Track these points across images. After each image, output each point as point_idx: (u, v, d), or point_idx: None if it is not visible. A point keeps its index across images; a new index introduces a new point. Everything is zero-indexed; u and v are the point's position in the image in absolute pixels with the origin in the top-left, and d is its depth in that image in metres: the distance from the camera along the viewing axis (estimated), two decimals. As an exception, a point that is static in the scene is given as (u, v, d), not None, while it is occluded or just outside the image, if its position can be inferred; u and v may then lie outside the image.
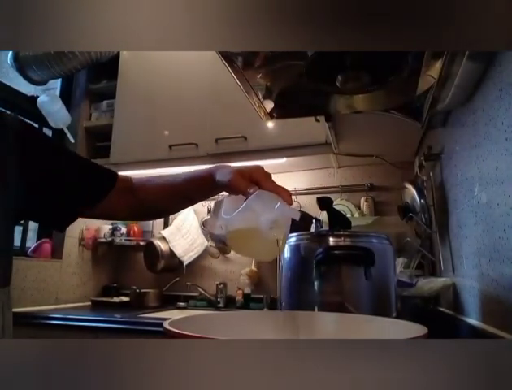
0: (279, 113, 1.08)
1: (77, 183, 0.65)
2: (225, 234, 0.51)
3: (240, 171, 0.57)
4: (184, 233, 1.94)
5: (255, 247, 0.52)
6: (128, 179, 0.72)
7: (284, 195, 0.54)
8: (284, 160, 1.65)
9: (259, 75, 0.89)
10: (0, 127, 0.57)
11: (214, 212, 0.58)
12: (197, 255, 1.94)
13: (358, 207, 1.77)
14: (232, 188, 0.57)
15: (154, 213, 0.78)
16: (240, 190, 0.54)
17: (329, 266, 0.80)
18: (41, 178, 0.60)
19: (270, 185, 0.55)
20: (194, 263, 1.94)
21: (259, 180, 0.55)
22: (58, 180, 0.62)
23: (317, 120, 1.23)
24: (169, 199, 0.71)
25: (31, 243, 1.81)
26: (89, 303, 1.90)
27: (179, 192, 0.69)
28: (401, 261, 1.27)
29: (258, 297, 1.77)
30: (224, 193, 0.61)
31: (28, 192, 0.59)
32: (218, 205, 0.58)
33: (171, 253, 1.91)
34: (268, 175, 0.58)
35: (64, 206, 0.64)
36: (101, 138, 2.01)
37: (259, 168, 0.59)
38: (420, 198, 1.24)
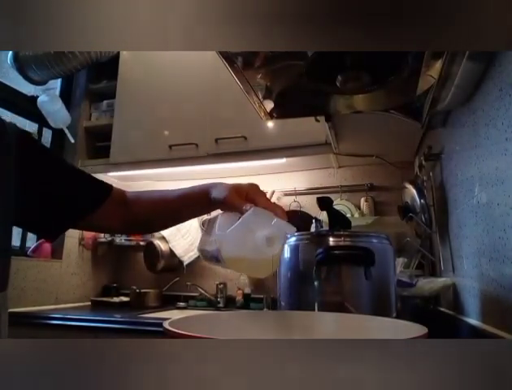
0: (279, 113, 1.08)
1: (70, 193, 0.64)
2: (219, 249, 0.50)
3: (236, 188, 0.58)
4: (183, 233, 1.94)
5: (250, 263, 0.51)
6: (121, 193, 0.71)
7: (279, 212, 0.54)
8: (284, 160, 1.65)
9: (259, 75, 0.89)
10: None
11: (207, 230, 0.58)
12: (197, 255, 1.93)
13: (358, 207, 1.77)
14: (228, 204, 0.57)
15: (147, 227, 0.78)
16: (236, 207, 0.55)
17: (329, 266, 0.80)
18: (34, 185, 0.60)
19: (265, 202, 0.55)
20: (194, 263, 1.94)
21: (255, 198, 0.56)
22: (51, 189, 0.62)
23: (317, 120, 1.23)
24: (162, 214, 0.70)
25: (31, 243, 1.81)
26: (89, 303, 1.90)
27: (172, 208, 0.69)
28: (401, 261, 1.27)
29: (258, 297, 1.76)
30: (219, 211, 0.61)
31: (20, 198, 0.58)
32: (211, 222, 0.57)
33: (171, 253, 1.91)
34: (263, 193, 0.59)
35: (55, 215, 0.63)
36: (101, 138, 2.01)
37: (255, 186, 0.59)
38: (420, 198, 1.24)
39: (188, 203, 0.67)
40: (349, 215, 1.71)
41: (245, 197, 0.56)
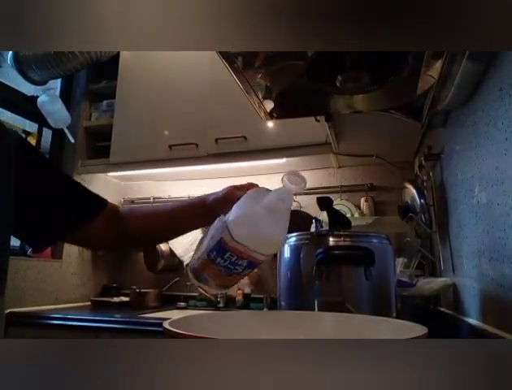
0: (279, 113, 1.08)
1: (61, 204, 0.62)
2: (228, 227, 0.49)
3: (236, 186, 0.60)
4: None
5: (260, 235, 0.49)
6: (115, 208, 0.69)
7: None
8: (284, 160, 1.65)
9: (259, 75, 0.89)
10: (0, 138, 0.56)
11: (197, 247, 0.57)
12: (197, 255, 1.93)
13: (358, 207, 1.76)
14: (229, 198, 0.57)
15: (141, 243, 0.76)
16: (238, 197, 0.55)
17: (329, 266, 0.80)
18: (26, 193, 0.58)
19: None
20: (194, 263, 1.94)
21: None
22: (42, 198, 0.60)
23: (317, 120, 1.23)
24: (156, 229, 0.68)
25: (31, 243, 1.81)
26: (89, 303, 1.90)
27: (167, 222, 0.67)
28: (401, 261, 1.27)
29: (258, 297, 1.76)
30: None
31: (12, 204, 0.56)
32: (201, 241, 0.57)
33: (171, 253, 1.91)
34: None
35: (44, 226, 0.61)
36: (101, 138, 2.01)
37: (254, 184, 0.61)
38: (420, 198, 1.24)
39: (184, 215, 0.66)
40: (349, 215, 1.71)
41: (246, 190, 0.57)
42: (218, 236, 0.51)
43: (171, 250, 1.91)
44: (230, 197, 0.57)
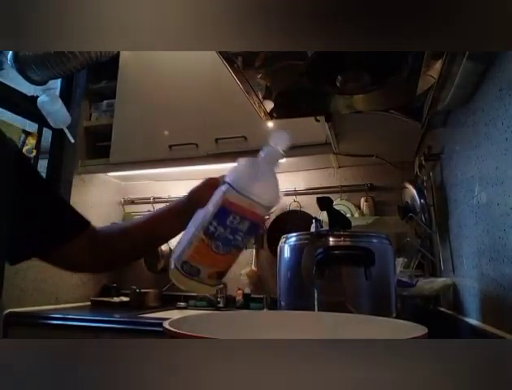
0: (279, 113, 1.08)
1: (39, 222, 0.61)
2: (230, 183, 0.50)
3: (213, 177, 0.62)
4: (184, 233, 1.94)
5: (262, 182, 0.51)
6: (94, 229, 0.68)
7: None
8: (284, 160, 1.64)
9: (259, 75, 0.89)
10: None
11: (175, 248, 0.58)
12: (197, 255, 1.93)
13: (358, 207, 1.76)
14: (208, 185, 0.59)
15: (123, 260, 0.75)
16: (216, 180, 0.57)
17: (329, 266, 0.80)
18: (10, 203, 0.56)
19: None
20: (194, 263, 1.94)
21: None
22: (25, 213, 0.59)
23: (317, 120, 1.23)
24: (137, 241, 0.67)
25: (31, 243, 1.80)
26: (89, 303, 1.90)
27: (147, 231, 0.67)
28: (401, 261, 1.27)
29: (258, 297, 1.76)
30: None
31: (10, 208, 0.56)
32: (180, 241, 0.58)
33: (171, 253, 1.91)
34: None
35: (19, 240, 0.59)
36: (101, 138, 2.01)
37: None
38: (420, 198, 1.24)
39: (165, 218, 0.67)
40: (349, 215, 1.71)
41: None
42: (218, 201, 0.50)
43: (171, 250, 1.90)
44: (209, 184, 0.58)
